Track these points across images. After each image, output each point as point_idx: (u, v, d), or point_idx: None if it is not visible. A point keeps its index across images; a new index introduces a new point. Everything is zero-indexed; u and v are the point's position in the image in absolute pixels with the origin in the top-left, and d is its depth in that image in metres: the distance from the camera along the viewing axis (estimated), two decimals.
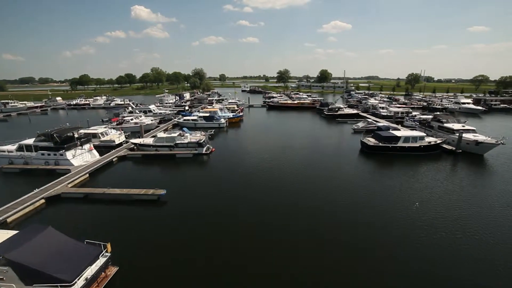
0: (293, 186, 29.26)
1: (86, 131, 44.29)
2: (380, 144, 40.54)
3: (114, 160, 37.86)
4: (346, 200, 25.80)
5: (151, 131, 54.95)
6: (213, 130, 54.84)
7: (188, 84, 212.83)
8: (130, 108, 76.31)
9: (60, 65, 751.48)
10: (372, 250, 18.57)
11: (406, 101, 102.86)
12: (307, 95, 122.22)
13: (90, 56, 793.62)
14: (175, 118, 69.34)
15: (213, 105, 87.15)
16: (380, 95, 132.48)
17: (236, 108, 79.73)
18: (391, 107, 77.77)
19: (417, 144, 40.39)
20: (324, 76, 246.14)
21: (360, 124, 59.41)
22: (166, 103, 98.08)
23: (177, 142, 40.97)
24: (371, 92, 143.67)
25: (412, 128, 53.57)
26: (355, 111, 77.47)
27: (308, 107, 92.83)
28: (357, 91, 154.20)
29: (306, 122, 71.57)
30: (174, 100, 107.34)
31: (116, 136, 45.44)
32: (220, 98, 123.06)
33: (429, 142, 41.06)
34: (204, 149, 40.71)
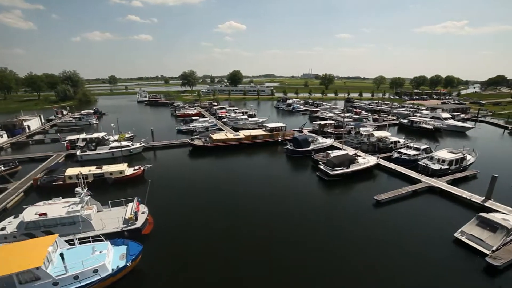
0: None
1: None
2: None
3: None
4: None
5: None
6: None
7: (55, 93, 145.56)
8: None
9: None
10: None
11: (376, 117, 79.91)
12: (244, 112, 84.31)
13: None
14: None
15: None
16: (326, 104, 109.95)
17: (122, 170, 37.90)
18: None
19: None
20: (237, 78, 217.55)
21: None
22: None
23: None
24: (312, 101, 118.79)
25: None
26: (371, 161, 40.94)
27: (266, 142, 53.75)
28: (294, 99, 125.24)
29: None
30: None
31: None
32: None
33: None
34: None
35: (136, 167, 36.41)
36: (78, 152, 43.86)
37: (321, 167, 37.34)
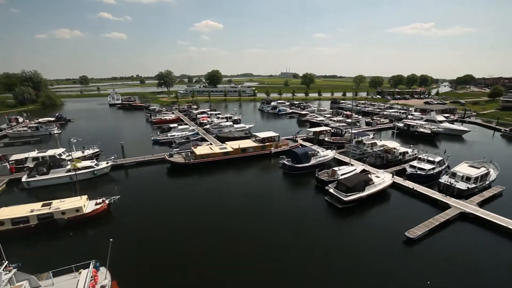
0: None
1: None
2: None
3: None
4: None
5: None
6: None
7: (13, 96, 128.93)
8: None
9: None
10: None
11: (370, 120, 75.02)
12: (228, 118, 76.89)
13: None
14: None
15: None
16: (313, 106, 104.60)
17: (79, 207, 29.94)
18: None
19: None
20: (216, 78, 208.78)
21: None
22: None
23: None
24: (297, 102, 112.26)
25: None
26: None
27: (258, 155, 46.50)
28: (278, 101, 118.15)
29: None
30: None
31: None
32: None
33: None
34: None
35: (99, 200, 28.11)
36: (25, 178, 34.57)
37: (331, 190, 31.01)
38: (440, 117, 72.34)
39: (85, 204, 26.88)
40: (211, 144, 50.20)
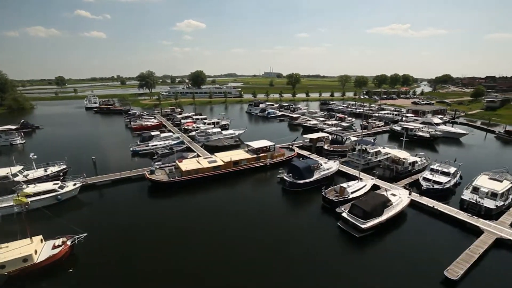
0: None
1: None
2: None
3: None
4: None
5: None
6: None
7: None
8: None
9: None
10: None
11: (365, 123, 71.16)
12: (215, 123, 70.11)
13: None
14: None
15: None
16: (303, 108, 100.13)
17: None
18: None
19: None
20: (200, 78, 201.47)
21: None
22: None
23: None
24: (288, 104, 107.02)
25: None
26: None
27: (252, 168, 40.04)
28: (267, 103, 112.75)
29: None
30: None
31: None
32: None
33: None
34: None
35: (59, 241, 21.95)
36: None
37: (344, 215, 26.32)
38: (436, 120, 69.86)
39: (38, 250, 20.66)
40: (198, 156, 44.45)
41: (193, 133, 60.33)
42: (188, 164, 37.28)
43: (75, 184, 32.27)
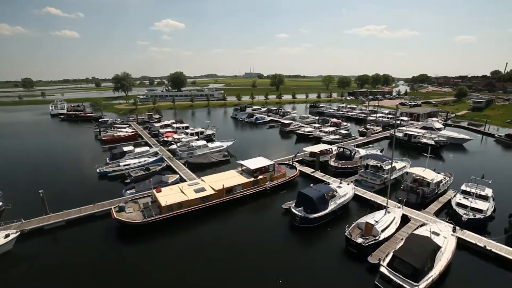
0: None
1: None
2: None
3: None
4: None
5: None
6: None
7: None
8: None
9: None
10: None
11: (363, 129, 65.35)
12: (199, 133, 61.28)
13: None
14: None
15: None
16: (293, 112, 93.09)
17: None
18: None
19: None
20: (180, 80, 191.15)
21: None
22: None
23: None
24: (276, 108, 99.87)
25: None
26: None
27: (249, 194, 32.57)
28: (253, 107, 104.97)
29: None
30: None
31: None
32: None
33: None
34: None
35: None
36: None
37: (386, 272, 19.49)
38: (438, 124, 65.54)
39: None
40: (180, 180, 36.39)
41: (174, 146, 51.92)
42: (168, 196, 29.11)
43: (7, 236, 23.32)
